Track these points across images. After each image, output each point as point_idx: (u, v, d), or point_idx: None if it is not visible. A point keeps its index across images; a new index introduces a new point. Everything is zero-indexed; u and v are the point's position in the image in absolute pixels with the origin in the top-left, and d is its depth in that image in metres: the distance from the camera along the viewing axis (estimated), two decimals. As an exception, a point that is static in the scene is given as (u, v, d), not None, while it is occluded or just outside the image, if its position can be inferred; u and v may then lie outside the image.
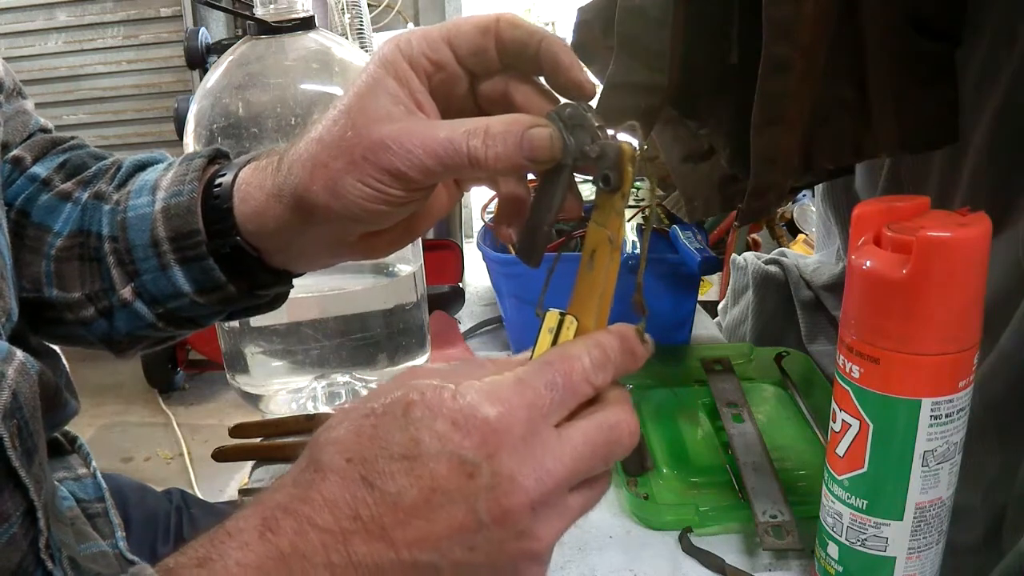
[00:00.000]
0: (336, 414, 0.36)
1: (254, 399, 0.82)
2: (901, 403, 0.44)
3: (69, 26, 2.56)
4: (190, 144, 0.72)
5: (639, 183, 0.92)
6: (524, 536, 0.33)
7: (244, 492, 0.70)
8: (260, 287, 0.51)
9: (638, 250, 0.84)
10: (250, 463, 0.75)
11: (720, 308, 1.13)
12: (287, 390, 0.82)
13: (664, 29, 0.63)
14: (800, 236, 1.91)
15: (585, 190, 0.47)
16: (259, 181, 0.46)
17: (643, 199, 0.92)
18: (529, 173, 0.41)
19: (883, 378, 0.44)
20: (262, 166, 0.46)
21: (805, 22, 0.56)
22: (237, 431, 0.76)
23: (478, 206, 1.01)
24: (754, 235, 1.98)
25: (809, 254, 1.08)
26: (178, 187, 0.48)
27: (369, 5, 2.04)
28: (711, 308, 1.11)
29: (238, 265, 0.48)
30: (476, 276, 1.13)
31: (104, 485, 0.57)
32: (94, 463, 0.58)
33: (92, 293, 0.51)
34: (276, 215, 0.45)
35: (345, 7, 1.87)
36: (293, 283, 0.53)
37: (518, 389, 0.34)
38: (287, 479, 0.35)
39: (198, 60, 2.03)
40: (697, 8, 0.64)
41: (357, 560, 0.32)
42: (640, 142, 0.37)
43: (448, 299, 1.00)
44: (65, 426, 0.53)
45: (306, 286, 0.57)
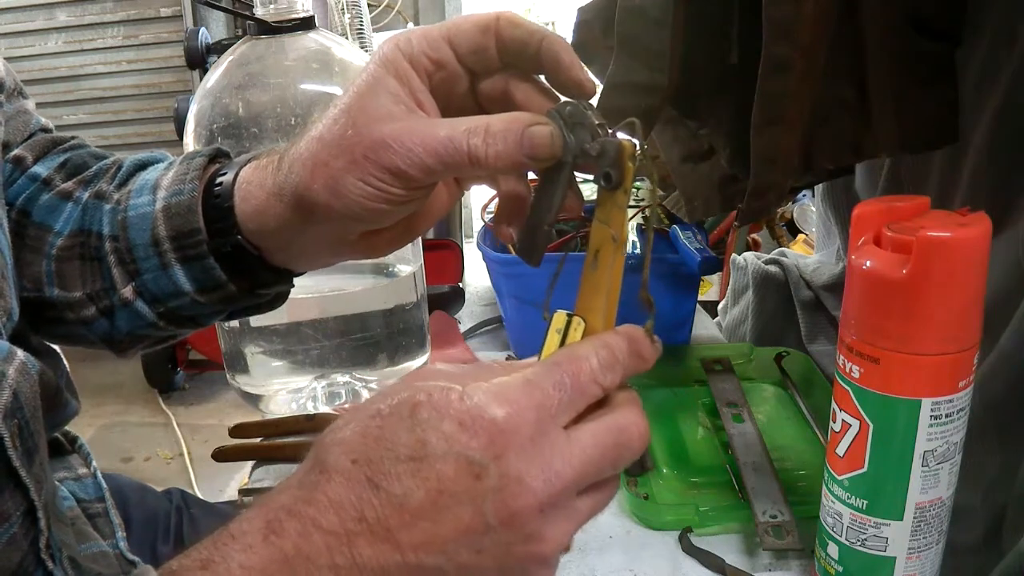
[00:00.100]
0: (342, 415, 0.35)
1: (254, 399, 0.82)
2: (901, 403, 0.44)
3: (69, 26, 2.56)
4: (190, 144, 0.72)
5: (639, 183, 0.92)
6: (532, 539, 0.33)
7: (244, 492, 0.69)
8: (261, 286, 0.51)
9: (639, 250, 0.84)
10: (250, 463, 0.75)
11: (720, 308, 1.13)
12: (287, 390, 0.82)
13: (664, 29, 0.63)
14: (800, 236, 1.91)
15: (586, 190, 0.47)
16: (260, 180, 0.46)
17: (643, 199, 0.92)
18: (529, 171, 0.41)
19: (883, 378, 0.44)
20: (263, 165, 0.46)
21: (805, 22, 0.56)
22: (237, 431, 0.76)
23: (478, 206, 1.01)
24: (754, 235, 1.99)
25: (809, 254, 1.08)
26: (179, 186, 0.48)
27: (369, 5, 2.04)
28: (711, 308, 1.11)
29: (239, 264, 0.48)
30: (476, 276, 1.13)
31: (104, 485, 0.57)
32: (94, 463, 0.58)
33: (93, 292, 0.51)
34: (277, 214, 0.45)
35: (345, 7, 1.87)
36: (294, 282, 0.53)
37: (526, 390, 0.33)
38: (292, 481, 0.34)
39: (198, 60, 2.03)
40: (697, 8, 0.64)
41: (362, 563, 0.32)
42: (640, 141, 0.37)
43: (448, 299, 1.00)
44: (65, 426, 0.53)
45: (306, 286, 0.57)
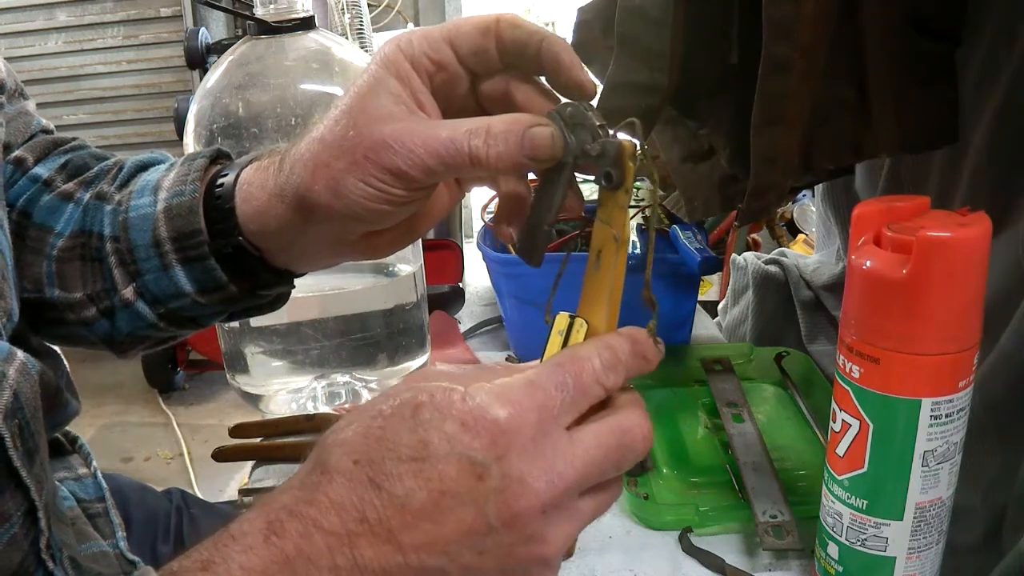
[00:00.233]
0: (344, 416, 0.35)
1: (254, 399, 0.82)
2: (901, 403, 0.44)
3: (69, 26, 2.56)
4: (190, 144, 0.72)
5: (640, 183, 0.92)
6: (533, 540, 0.33)
7: (244, 492, 0.69)
8: (262, 287, 0.51)
9: (639, 250, 0.84)
10: (250, 463, 0.75)
11: (720, 308, 1.13)
12: (287, 390, 0.82)
13: (664, 29, 0.63)
14: (800, 236, 1.91)
15: (587, 190, 0.47)
16: (261, 181, 0.46)
17: (644, 199, 0.92)
18: (530, 172, 0.41)
19: (883, 378, 0.44)
20: (264, 166, 0.46)
21: (805, 22, 0.56)
22: (237, 431, 0.76)
23: (478, 206, 1.01)
24: (754, 235, 1.99)
25: (809, 254, 1.08)
26: (180, 187, 0.48)
27: (369, 5, 2.04)
28: (711, 308, 1.11)
29: (240, 265, 0.48)
30: (476, 276, 1.13)
31: (104, 485, 0.57)
32: (94, 463, 0.58)
33: (94, 293, 0.51)
34: (278, 215, 0.45)
35: (345, 7, 1.87)
36: (294, 283, 0.53)
37: (528, 391, 0.33)
38: (293, 481, 0.34)
39: (198, 60, 2.03)
40: (697, 8, 0.64)
41: (363, 564, 0.32)
42: (640, 141, 0.37)
43: (448, 299, 1.00)
44: (66, 426, 0.53)
45: (306, 286, 0.57)
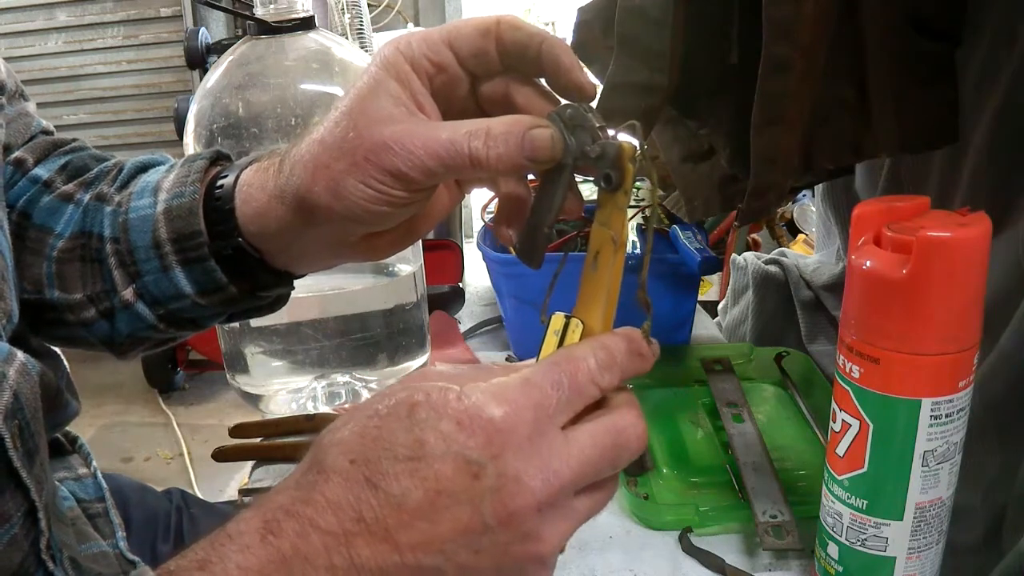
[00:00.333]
0: (341, 416, 0.35)
1: (254, 399, 0.82)
2: (901, 403, 0.44)
3: (69, 26, 2.56)
4: (190, 144, 0.72)
5: (639, 183, 0.92)
6: (529, 538, 0.33)
7: (244, 492, 0.69)
8: (262, 288, 0.51)
9: (638, 250, 0.84)
10: (250, 463, 0.75)
11: (720, 308, 1.13)
12: (287, 390, 0.82)
13: (664, 29, 0.63)
14: (800, 236, 1.91)
15: (586, 191, 0.47)
16: (261, 182, 0.46)
17: (643, 199, 0.92)
18: (530, 173, 0.41)
19: (883, 378, 0.44)
20: (264, 167, 0.46)
21: (805, 22, 0.56)
22: (237, 431, 0.76)
23: (478, 206, 1.01)
24: (754, 235, 1.99)
25: (809, 254, 1.08)
26: (180, 189, 0.48)
27: (369, 5, 2.04)
28: (711, 308, 1.11)
29: (240, 266, 0.48)
30: (476, 276, 1.13)
31: (104, 485, 0.57)
32: (94, 463, 0.58)
33: (93, 294, 0.51)
34: (278, 216, 0.45)
35: (345, 7, 1.87)
36: (294, 284, 0.53)
37: (524, 390, 0.33)
38: (290, 481, 0.34)
39: (198, 60, 2.03)
40: (697, 8, 0.64)
41: (360, 563, 0.32)
42: (640, 142, 0.37)
43: (448, 299, 1.00)
44: (66, 426, 0.53)
45: (306, 286, 0.57)
